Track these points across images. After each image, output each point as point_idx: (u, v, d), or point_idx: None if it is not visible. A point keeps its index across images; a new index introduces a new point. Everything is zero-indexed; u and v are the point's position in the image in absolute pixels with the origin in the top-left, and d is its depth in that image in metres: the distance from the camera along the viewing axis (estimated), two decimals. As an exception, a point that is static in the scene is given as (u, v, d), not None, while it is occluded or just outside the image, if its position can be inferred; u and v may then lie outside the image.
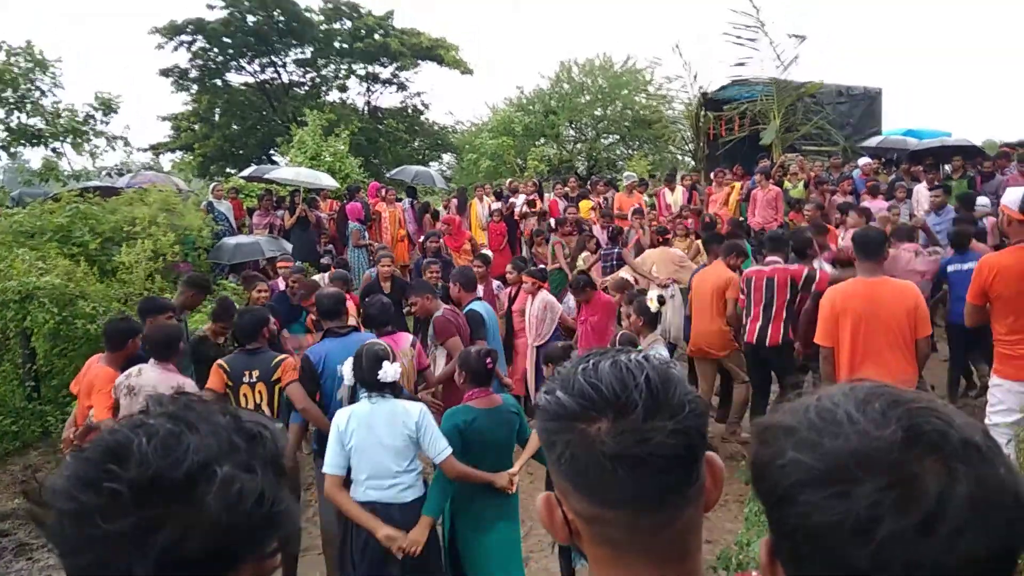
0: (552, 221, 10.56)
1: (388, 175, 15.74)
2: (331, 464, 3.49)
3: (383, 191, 12.18)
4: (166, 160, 26.03)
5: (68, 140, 12.89)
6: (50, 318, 6.86)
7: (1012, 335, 4.12)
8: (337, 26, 26.22)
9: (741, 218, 10.49)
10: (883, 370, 4.35)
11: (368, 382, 3.55)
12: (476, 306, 6.04)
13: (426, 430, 3.52)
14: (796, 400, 0.82)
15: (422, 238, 9.97)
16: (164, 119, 26.39)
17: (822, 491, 0.72)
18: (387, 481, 3.50)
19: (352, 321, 5.34)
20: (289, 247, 10.81)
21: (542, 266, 7.64)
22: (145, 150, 24.36)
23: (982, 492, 0.68)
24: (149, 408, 0.82)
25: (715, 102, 15.93)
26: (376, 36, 25.51)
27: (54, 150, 13.24)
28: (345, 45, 26.12)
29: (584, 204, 12.03)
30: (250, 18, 24.50)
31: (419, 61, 26.39)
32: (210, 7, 24.05)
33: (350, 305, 5.79)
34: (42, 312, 6.86)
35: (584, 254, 8.71)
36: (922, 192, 10.11)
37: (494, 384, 4.20)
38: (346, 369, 3.71)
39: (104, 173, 13.22)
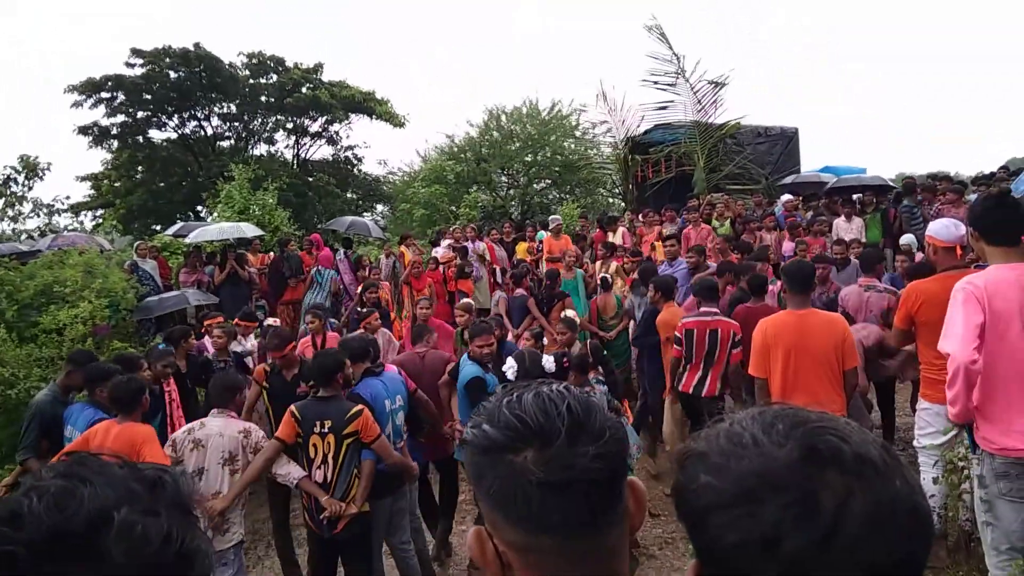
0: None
1: (322, 226, 15.54)
2: None
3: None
4: (88, 220, 25.15)
5: None
6: (-33, 385, 6.54)
7: (939, 360, 4.18)
8: (263, 80, 26.07)
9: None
10: (812, 400, 4.45)
11: (533, 377, 4.20)
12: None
13: None
14: (712, 427, 0.86)
15: (360, 288, 9.77)
16: (83, 179, 25.51)
17: (731, 512, 0.75)
18: None
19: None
20: (215, 300, 10.54)
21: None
22: (64, 210, 23.44)
23: (878, 506, 0.71)
24: (42, 474, 0.80)
25: (641, 145, 16.36)
26: (304, 90, 25.45)
27: None
28: (272, 99, 25.95)
29: (520, 247, 12.18)
30: (172, 74, 24.13)
31: (349, 114, 26.39)
32: (129, 65, 23.67)
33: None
34: (-41, 380, 6.54)
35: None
36: (840, 225, 10.61)
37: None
38: (509, 368, 4.60)
39: (25, 236, 12.66)
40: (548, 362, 4.73)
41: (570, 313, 7.04)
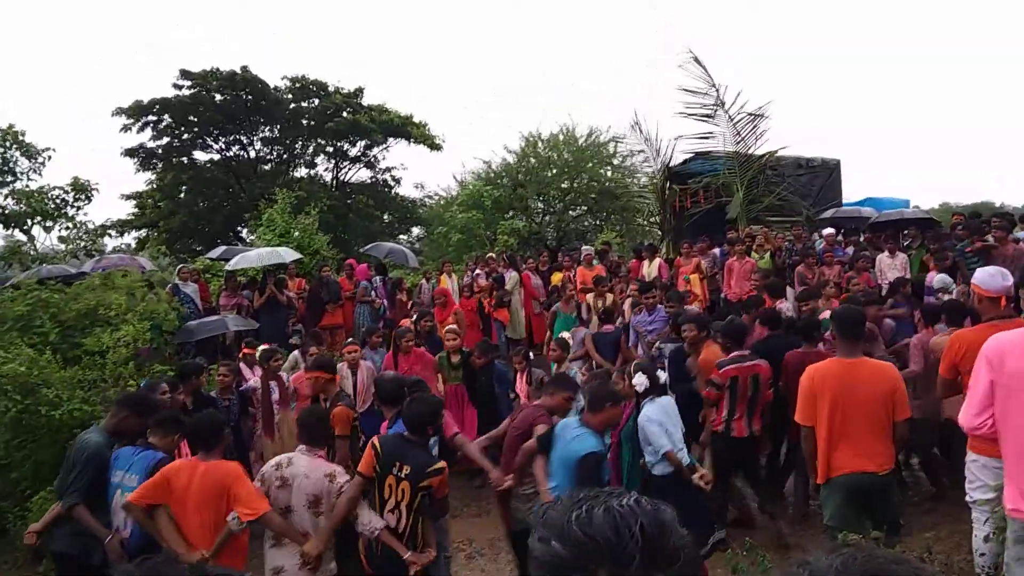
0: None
1: (361, 250, 15.71)
2: (670, 443, 5.08)
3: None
4: (131, 238, 25.72)
5: (38, 222, 12.70)
6: (12, 406, 6.68)
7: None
8: (305, 104, 26.54)
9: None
10: (859, 451, 4.37)
11: (658, 386, 5.24)
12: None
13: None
14: (790, 571, 0.83)
15: (415, 317, 9.65)
16: (127, 197, 26.11)
17: None
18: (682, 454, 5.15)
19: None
20: (255, 325, 10.65)
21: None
22: (109, 227, 23.96)
23: None
24: None
25: (679, 175, 16.25)
26: (344, 114, 25.84)
27: (25, 231, 13.01)
28: (313, 123, 26.39)
29: (555, 277, 12.14)
30: (217, 96, 24.67)
31: (388, 138, 26.71)
32: (177, 87, 24.26)
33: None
34: (4, 400, 6.69)
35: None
36: (884, 261, 10.37)
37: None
38: (640, 379, 5.24)
39: (71, 256, 12.97)
40: (660, 377, 5.38)
41: (565, 335, 7.45)
